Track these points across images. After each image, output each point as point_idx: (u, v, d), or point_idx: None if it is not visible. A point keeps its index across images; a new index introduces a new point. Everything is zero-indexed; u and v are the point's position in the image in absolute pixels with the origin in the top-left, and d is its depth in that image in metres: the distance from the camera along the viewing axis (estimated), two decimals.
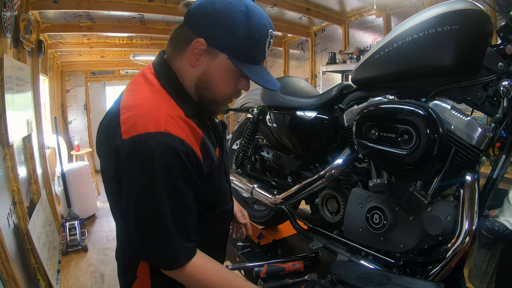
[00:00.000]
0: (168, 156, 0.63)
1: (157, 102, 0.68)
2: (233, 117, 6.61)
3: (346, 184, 1.30)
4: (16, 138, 2.22)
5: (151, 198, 0.65)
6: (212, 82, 0.71)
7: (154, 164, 0.62)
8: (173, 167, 0.64)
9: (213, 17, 0.66)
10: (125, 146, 0.63)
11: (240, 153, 1.74)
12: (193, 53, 0.69)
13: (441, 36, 0.94)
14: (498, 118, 0.92)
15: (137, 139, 0.63)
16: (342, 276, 0.98)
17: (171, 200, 0.65)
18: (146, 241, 0.68)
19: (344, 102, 1.29)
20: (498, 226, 1.74)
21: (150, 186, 0.64)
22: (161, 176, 0.63)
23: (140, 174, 0.64)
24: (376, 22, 3.59)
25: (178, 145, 0.64)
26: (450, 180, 0.99)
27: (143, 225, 0.67)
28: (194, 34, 0.68)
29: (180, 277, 0.71)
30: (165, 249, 0.67)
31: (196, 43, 0.67)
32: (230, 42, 0.67)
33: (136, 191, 0.65)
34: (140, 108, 0.66)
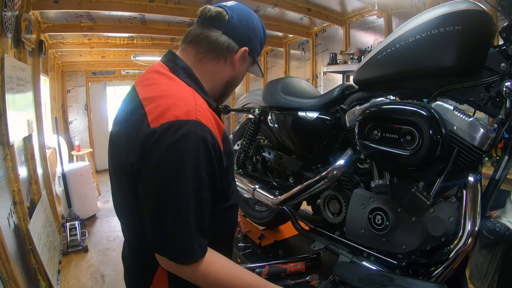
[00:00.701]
0: (199, 146, 0.63)
1: (183, 92, 0.69)
2: (234, 117, 6.61)
3: (348, 185, 1.30)
4: (16, 138, 2.22)
5: (177, 187, 0.63)
6: (239, 80, 0.85)
7: (182, 152, 0.62)
8: (202, 158, 0.64)
9: (254, 31, 0.81)
10: (154, 134, 0.63)
11: (242, 153, 1.74)
12: (236, 60, 0.79)
13: (443, 37, 0.94)
14: (501, 119, 0.92)
15: (168, 125, 0.62)
16: (344, 277, 0.97)
17: (196, 192, 0.65)
18: (164, 233, 0.65)
19: (346, 102, 1.29)
20: (499, 227, 1.74)
21: (178, 175, 0.63)
22: (189, 166, 0.63)
23: (167, 161, 0.63)
24: (377, 23, 3.59)
25: (207, 135, 0.64)
26: (452, 181, 0.99)
27: (164, 215, 0.64)
28: (237, 43, 0.78)
29: (192, 274, 0.69)
30: (183, 242, 0.65)
31: (244, 51, 0.79)
32: (257, 49, 0.84)
33: (161, 179, 0.64)
34: (167, 98, 0.67)
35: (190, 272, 0.68)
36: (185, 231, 0.65)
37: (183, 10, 3.48)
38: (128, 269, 0.85)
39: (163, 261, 0.69)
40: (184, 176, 0.63)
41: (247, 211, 1.95)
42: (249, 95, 1.93)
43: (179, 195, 0.64)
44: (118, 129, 0.74)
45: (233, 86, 0.85)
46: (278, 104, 1.51)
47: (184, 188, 0.63)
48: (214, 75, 0.79)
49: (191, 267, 0.67)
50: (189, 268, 0.67)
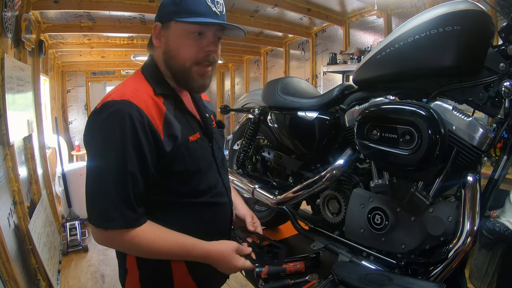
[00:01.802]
0: (122, 121, 0.68)
1: (131, 82, 0.77)
2: (234, 117, 6.61)
3: (348, 184, 1.30)
4: (16, 138, 2.22)
5: (100, 156, 0.70)
6: (172, 50, 0.78)
7: (110, 125, 0.68)
8: (126, 131, 0.68)
9: (161, 4, 0.80)
10: (94, 112, 0.72)
11: (241, 153, 1.74)
12: (155, 37, 0.79)
13: (443, 37, 0.94)
14: (500, 118, 0.92)
15: (103, 105, 0.71)
16: (344, 277, 0.98)
17: (118, 161, 0.68)
18: (90, 199, 0.72)
19: (345, 102, 1.29)
20: (499, 227, 1.73)
21: (102, 144, 0.69)
22: (113, 137, 0.68)
23: (97, 133, 0.71)
24: (377, 23, 3.59)
25: (134, 112, 0.69)
26: (451, 180, 0.99)
27: (90, 182, 0.72)
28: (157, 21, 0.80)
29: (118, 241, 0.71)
30: (102, 207, 0.69)
31: (154, 28, 0.79)
32: (171, 10, 0.76)
33: (90, 148, 0.73)
34: (116, 89, 0.76)
35: (115, 239, 0.71)
36: (107, 198, 0.69)
37: None
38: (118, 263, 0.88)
39: (94, 232, 0.72)
40: (108, 147, 0.68)
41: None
42: (248, 95, 1.93)
43: (102, 165, 0.70)
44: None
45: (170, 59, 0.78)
46: (277, 104, 1.51)
47: (107, 158, 0.68)
48: (159, 63, 0.81)
49: (112, 233, 0.70)
50: (110, 234, 0.70)
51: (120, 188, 0.69)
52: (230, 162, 2.08)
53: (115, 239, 0.71)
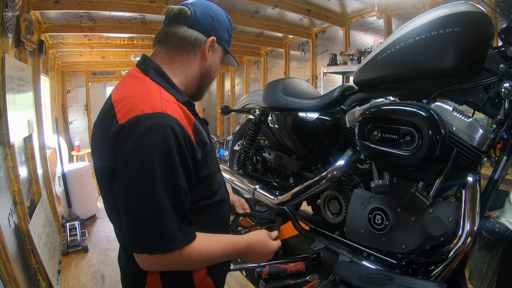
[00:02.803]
0: (166, 136, 0.64)
1: (149, 90, 0.72)
2: (234, 118, 6.61)
3: (348, 185, 1.30)
4: (17, 138, 2.22)
5: (148, 177, 0.64)
6: (213, 70, 0.87)
7: (152, 143, 0.64)
8: (171, 147, 0.65)
9: (218, 20, 0.83)
10: (123, 129, 0.65)
11: (242, 154, 1.75)
12: (207, 49, 0.82)
13: (443, 38, 0.95)
14: (500, 119, 0.93)
15: (134, 120, 0.64)
16: (344, 277, 0.98)
17: (169, 180, 0.65)
18: (143, 226, 0.65)
19: (346, 103, 1.30)
20: (498, 227, 1.74)
21: (148, 165, 0.64)
22: (158, 155, 0.64)
23: (138, 153, 0.64)
24: (377, 24, 3.60)
25: (175, 125, 0.66)
26: (451, 181, 1.00)
27: (140, 207, 0.65)
28: (204, 35, 0.81)
29: (179, 261, 0.69)
30: (165, 230, 0.65)
31: (212, 41, 0.81)
32: (226, 38, 0.86)
33: (132, 171, 0.65)
34: (134, 97, 0.70)
35: (176, 259, 0.68)
36: (167, 219, 0.65)
37: None
38: (123, 271, 0.86)
39: (146, 260, 0.68)
40: (156, 166, 0.64)
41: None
42: (249, 95, 1.94)
43: (155, 186, 0.64)
44: (94, 133, 0.76)
45: (208, 78, 0.86)
46: (278, 104, 1.52)
47: (158, 178, 0.64)
48: (187, 69, 0.81)
49: (179, 255, 0.67)
50: (172, 255, 0.66)
51: (178, 206, 0.67)
52: (230, 162, 2.08)
53: (177, 259, 0.68)
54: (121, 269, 0.87)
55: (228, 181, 1.77)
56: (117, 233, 0.83)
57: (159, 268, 0.70)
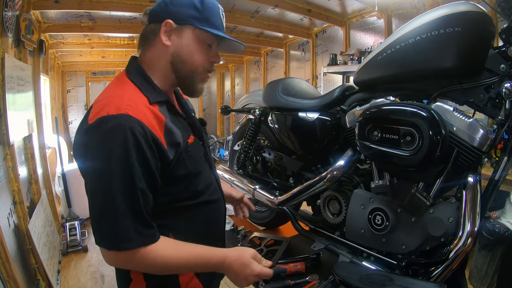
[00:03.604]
0: (125, 136, 0.65)
1: (121, 91, 0.73)
2: (234, 118, 6.61)
3: (348, 185, 1.30)
4: (17, 138, 2.22)
5: (106, 175, 0.65)
6: (186, 54, 0.78)
7: (111, 142, 0.65)
8: (130, 148, 0.65)
9: (171, 3, 0.76)
10: (89, 129, 0.68)
11: (242, 154, 1.75)
12: (164, 35, 0.76)
13: (443, 38, 0.94)
14: (500, 120, 0.92)
15: (99, 121, 0.67)
16: (345, 277, 0.98)
17: (126, 179, 0.66)
18: (99, 222, 0.67)
19: (346, 103, 1.30)
20: (499, 228, 1.73)
21: (106, 164, 0.65)
22: (117, 155, 0.65)
23: (98, 152, 0.66)
24: (377, 24, 3.60)
25: (136, 126, 0.66)
26: (452, 181, 1.00)
27: (97, 204, 0.67)
28: (160, 22, 0.76)
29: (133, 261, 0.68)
30: (117, 229, 0.65)
31: (164, 25, 0.75)
32: (192, 14, 0.76)
33: (92, 169, 0.67)
34: (107, 98, 0.71)
35: (130, 259, 0.68)
36: (120, 218, 0.65)
37: None
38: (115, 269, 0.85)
39: (105, 255, 0.69)
40: (113, 164, 0.65)
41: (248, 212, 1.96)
42: (249, 95, 1.94)
43: (109, 183, 0.65)
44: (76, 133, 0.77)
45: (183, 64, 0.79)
46: (278, 104, 1.51)
47: (114, 175, 0.65)
48: (156, 64, 0.79)
49: (128, 254, 0.67)
50: (126, 254, 0.67)
51: (133, 206, 0.67)
52: (230, 162, 2.08)
53: (131, 259, 0.68)
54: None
55: (228, 181, 1.77)
56: None
57: (117, 264, 0.71)
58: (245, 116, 2.00)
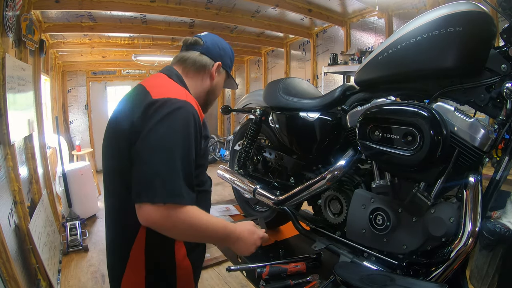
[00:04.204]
0: (189, 117, 0.83)
1: (178, 87, 0.93)
2: (234, 118, 6.61)
3: (349, 185, 1.30)
4: (17, 138, 2.22)
5: (170, 142, 0.79)
6: (218, 89, 1.09)
7: (178, 118, 0.81)
8: (191, 126, 0.83)
9: (223, 50, 1.08)
10: (156, 103, 0.82)
11: (242, 154, 1.74)
12: (215, 71, 1.04)
13: (444, 38, 0.94)
14: (501, 119, 0.92)
15: (167, 99, 0.83)
16: (345, 277, 0.98)
17: (186, 149, 0.81)
18: (155, 177, 0.76)
19: (347, 103, 1.29)
20: (499, 228, 1.74)
21: (172, 133, 0.80)
22: (182, 128, 0.81)
23: (166, 123, 0.80)
24: (377, 24, 3.60)
25: (195, 113, 0.86)
26: (453, 181, 0.99)
27: (158, 164, 0.78)
28: (212, 59, 1.04)
29: (174, 217, 0.77)
30: (172, 184, 0.77)
31: (218, 65, 1.05)
32: (229, 64, 1.11)
33: (158, 136, 0.79)
34: (166, 87, 0.90)
35: (176, 215, 0.77)
36: (176, 177, 0.78)
37: (184, 11, 3.49)
38: (109, 252, 0.97)
39: (145, 210, 0.76)
40: (178, 135, 0.80)
41: (248, 211, 1.96)
42: (250, 95, 1.94)
43: (173, 149, 0.79)
44: (120, 109, 0.91)
45: (213, 95, 1.08)
46: (279, 104, 1.51)
47: (177, 144, 0.80)
48: (197, 85, 1.03)
49: (180, 210, 0.77)
50: (178, 211, 0.77)
51: (186, 170, 0.81)
52: (231, 162, 2.08)
53: (174, 215, 0.77)
54: (108, 252, 0.97)
55: (228, 181, 1.77)
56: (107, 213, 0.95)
57: (154, 220, 0.77)
58: (245, 116, 2.00)
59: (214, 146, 6.60)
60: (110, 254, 0.97)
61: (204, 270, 2.66)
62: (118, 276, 0.92)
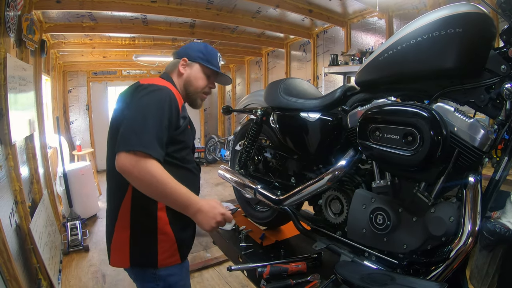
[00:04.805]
0: (166, 96, 1.05)
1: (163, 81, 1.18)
2: (235, 118, 6.62)
3: (350, 185, 1.30)
4: (18, 138, 2.23)
5: (147, 108, 1.00)
6: (193, 80, 1.26)
7: (156, 95, 1.04)
8: (165, 103, 1.04)
9: (189, 48, 1.29)
10: (142, 86, 1.07)
11: (243, 154, 1.75)
12: (181, 67, 1.24)
13: (445, 39, 0.95)
14: (501, 120, 0.93)
15: (151, 84, 1.09)
16: (346, 276, 0.98)
17: (158, 116, 1.00)
18: (131, 132, 0.96)
19: (347, 103, 1.30)
20: (499, 228, 1.74)
21: (150, 103, 1.02)
22: (157, 101, 1.03)
23: (145, 98, 1.03)
24: (378, 24, 3.61)
25: (172, 95, 1.08)
26: (453, 181, 1.00)
27: (136, 124, 0.97)
28: (179, 58, 1.26)
29: (145, 166, 0.92)
30: (144, 138, 0.95)
31: (182, 60, 1.25)
32: (199, 56, 1.26)
33: (139, 103, 1.02)
34: (156, 80, 1.17)
35: (143, 163, 0.92)
36: (149, 134, 0.96)
37: (185, 11, 3.50)
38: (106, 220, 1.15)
39: (121, 157, 0.93)
40: (154, 106, 1.01)
41: (249, 211, 1.96)
42: (251, 95, 1.94)
43: (148, 115, 0.99)
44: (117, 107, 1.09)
45: (190, 85, 1.25)
46: (280, 104, 1.52)
47: (153, 112, 1.00)
48: (177, 82, 1.25)
49: (147, 160, 0.93)
50: (145, 160, 0.93)
51: (158, 131, 0.98)
52: (232, 162, 2.09)
53: (141, 162, 0.92)
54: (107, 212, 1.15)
55: (229, 181, 1.78)
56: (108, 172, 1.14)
57: (125, 165, 0.93)
58: (246, 116, 2.01)
59: (214, 146, 6.61)
60: (106, 221, 1.15)
61: (205, 270, 2.67)
62: (109, 237, 1.11)
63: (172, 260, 1.11)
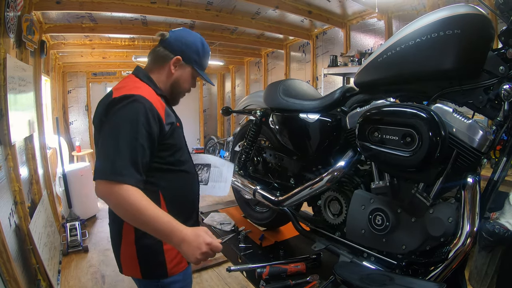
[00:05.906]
0: (139, 108, 0.93)
1: (137, 84, 1.03)
2: (234, 119, 6.62)
3: (349, 186, 1.31)
4: (18, 138, 2.23)
5: (118, 129, 0.91)
6: (181, 82, 1.12)
7: (127, 109, 0.93)
8: (140, 116, 0.92)
9: (186, 45, 1.09)
10: (114, 101, 0.95)
11: (243, 155, 1.75)
12: (173, 66, 1.08)
13: (443, 40, 0.95)
14: (499, 121, 0.93)
15: (123, 96, 0.95)
16: (345, 277, 0.99)
17: (132, 134, 0.91)
18: (104, 159, 0.90)
19: (347, 104, 1.30)
20: (498, 229, 1.74)
21: (121, 122, 0.92)
22: (130, 118, 0.92)
23: (118, 115, 0.92)
24: (377, 25, 3.61)
25: (147, 104, 0.95)
26: (451, 182, 1.00)
27: (105, 147, 0.91)
28: (172, 53, 1.07)
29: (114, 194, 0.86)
30: (116, 165, 0.88)
31: (176, 59, 1.07)
32: (194, 59, 1.11)
33: (110, 125, 0.93)
34: (126, 87, 1.00)
35: (118, 191, 0.86)
36: (120, 158, 0.88)
37: (185, 12, 3.50)
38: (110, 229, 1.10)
39: (98, 186, 0.88)
40: (127, 123, 0.91)
41: (248, 212, 1.96)
42: (250, 96, 1.95)
43: (120, 137, 0.90)
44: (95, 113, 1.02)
45: (178, 87, 1.12)
46: (279, 105, 1.52)
47: (125, 131, 0.91)
48: (161, 79, 1.10)
49: (121, 187, 0.86)
50: (119, 187, 0.86)
51: (132, 154, 0.90)
52: None
53: (114, 191, 0.86)
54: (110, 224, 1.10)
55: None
56: None
57: (102, 194, 0.89)
58: (245, 117, 2.01)
59: (214, 147, 6.61)
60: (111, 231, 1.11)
61: (204, 271, 2.66)
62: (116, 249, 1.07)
63: (180, 266, 1.08)
